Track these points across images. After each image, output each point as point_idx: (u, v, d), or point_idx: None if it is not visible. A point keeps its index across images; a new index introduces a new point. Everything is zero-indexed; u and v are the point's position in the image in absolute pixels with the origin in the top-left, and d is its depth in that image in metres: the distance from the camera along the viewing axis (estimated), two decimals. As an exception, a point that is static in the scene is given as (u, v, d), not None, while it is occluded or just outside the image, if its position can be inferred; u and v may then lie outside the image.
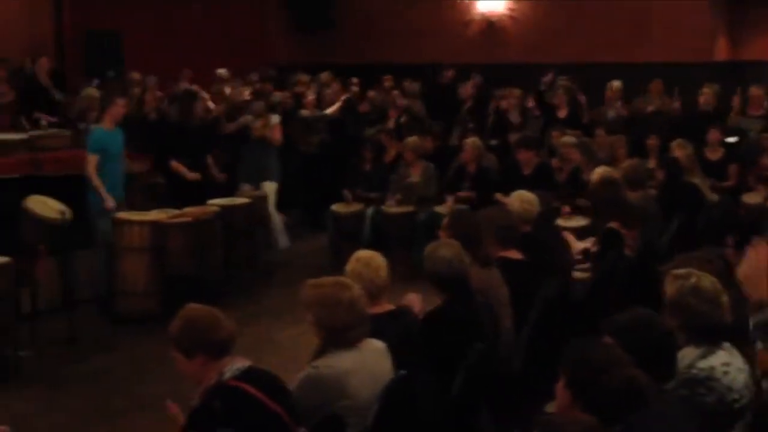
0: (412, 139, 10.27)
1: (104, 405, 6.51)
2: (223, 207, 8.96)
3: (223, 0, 14.80)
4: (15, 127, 10.06)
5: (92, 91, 10.52)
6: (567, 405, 3.20)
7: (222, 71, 12.35)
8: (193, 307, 3.87)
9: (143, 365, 7.27)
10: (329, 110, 12.22)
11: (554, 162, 9.77)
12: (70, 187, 8.45)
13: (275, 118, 10.58)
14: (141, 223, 8.29)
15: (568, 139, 9.73)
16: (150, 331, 7.93)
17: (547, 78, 12.41)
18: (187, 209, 8.69)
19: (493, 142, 11.43)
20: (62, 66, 12.26)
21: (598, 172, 7.58)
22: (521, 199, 6.43)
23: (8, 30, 11.77)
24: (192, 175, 9.51)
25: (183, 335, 3.78)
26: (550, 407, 3.59)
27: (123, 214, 8.37)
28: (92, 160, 8.31)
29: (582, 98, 11.70)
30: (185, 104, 10.05)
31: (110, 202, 8.27)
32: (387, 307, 4.60)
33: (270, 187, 10.36)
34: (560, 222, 8.42)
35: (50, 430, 5.99)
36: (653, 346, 3.47)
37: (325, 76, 13.21)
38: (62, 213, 7.41)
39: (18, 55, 10.89)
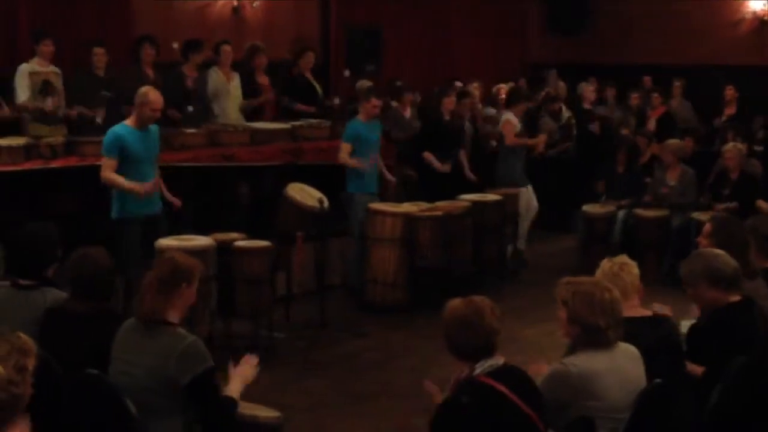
0: (673, 141, 9.92)
1: (351, 388, 6.70)
2: (474, 203, 9.00)
3: (485, -1, 14.87)
4: (277, 118, 10.50)
5: (364, 83, 10.81)
6: None
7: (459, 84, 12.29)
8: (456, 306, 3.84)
9: (390, 353, 7.43)
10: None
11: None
12: (328, 177, 8.74)
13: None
14: (393, 214, 8.46)
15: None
16: (398, 320, 8.12)
17: None
18: (439, 203, 8.80)
19: (759, 148, 10.84)
20: (326, 61, 12.69)
21: None
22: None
23: (278, 27, 12.31)
24: (442, 167, 9.59)
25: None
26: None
27: (376, 206, 8.57)
28: (345, 148, 8.57)
29: None
30: (437, 99, 10.18)
31: (368, 167, 8.54)
32: (642, 311, 4.46)
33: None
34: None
35: (297, 408, 6.18)
36: None
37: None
38: (320, 201, 7.65)
39: (285, 51, 11.35)
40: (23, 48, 9.54)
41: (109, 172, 7.01)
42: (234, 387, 4.24)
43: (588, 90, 12.45)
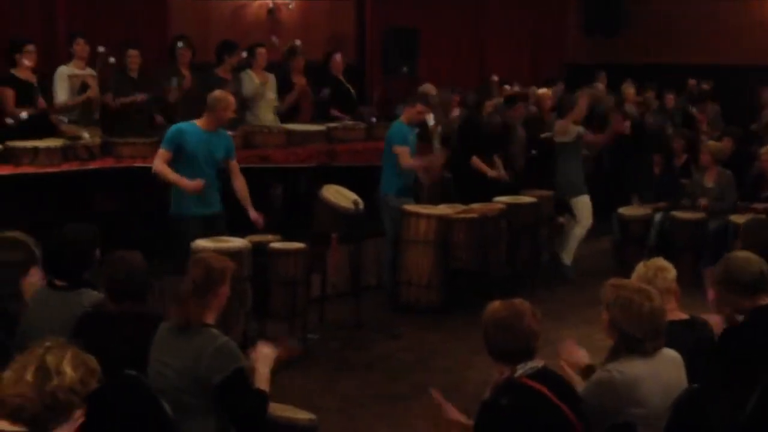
0: (712, 143, 9.83)
1: (385, 390, 6.69)
2: (509, 205, 8.97)
3: (522, 1, 14.79)
4: (313, 119, 10.53)
5: (428, 88, 10.78)
6: None
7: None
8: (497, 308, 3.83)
9: (424, 354, 7.42)
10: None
11: None
12: (363, 178, 8.74)
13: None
14: (428, 216, 8.45)
15: None
16: (432, 321, 8.12)
17: None
18: (473, 205, 8.78)
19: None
20: (362, 62, 12.71)
21: None
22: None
23: (314, 28, 12.35)
24: (493, 173, 9.54)
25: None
26: None
27: (411, 207, 8.57)
28: (402, 151, 8.48)
29: None
30: (477, 101, 10.15)
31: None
32: (679, 315, 4.43)
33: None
34: None
35: (331, 409, 6.19)
36: None
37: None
38: (355, 203, 7.67)
39: (320, 51, 11.38)
40: (61, 50, 9.64)
41: (160, 162, 7.11)
42: (260, 374, 4.25)
43: (629, 91, 12.38)
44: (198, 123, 7.23)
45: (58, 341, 3.02)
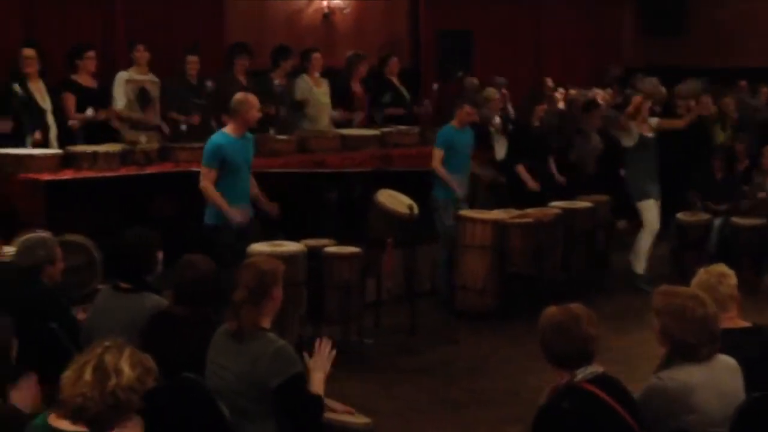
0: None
1: (442, 396, 6.65)
2: (565, 210, 8.90)
3: (576, 2, 14.68)
4: (368, 124, 10.56)
5: (491, 92, 10.76)
6: None
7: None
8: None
9: (481, 360, 7.39)
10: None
11: None
12: (418, 183, 8.73)
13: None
14: (483, 221, 8.41)
15: None
16: (488, 326, 8.09)
17: None
18: (529, 210, 8.72)
19: None
20: (417, 65, 12.70)
21: None
22: None
23: (368, 32, 12.38)
24: (533, 185, 9.47)
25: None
26: None
27: (466, 212, 8.54)
28: (437, 155, 8.56)
29: None
30: (528, 105, 10.09)
31: (459, 188, 8.52)
32: (741, 322, 4.37)
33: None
34: None
35: (387, 414, 6.16)
36: None
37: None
38: (410, 207, 7.67)
39: (374, 55, 11.40)
40: (121, 56, 9.77)
41: (209, 184, 7.02)
42: (315, 381, 4.24)
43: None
44: (227, 131, 7.17)
45: (115, 341, 3.05)
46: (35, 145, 8.27)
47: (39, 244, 5.17)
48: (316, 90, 10.00)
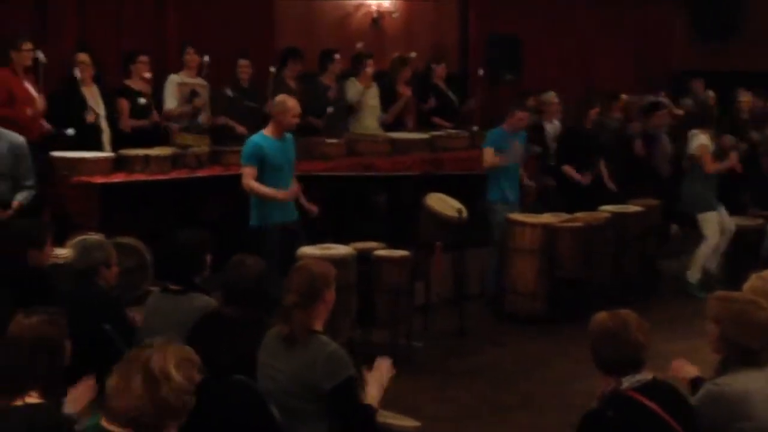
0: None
1: (492, 399, 6.64)
2: (615, 214, 8.83)
3: (627, 7, 14.55)
4: (418, 128, 10.57)
5: (550, 97, 10.72)
6: None
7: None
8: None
9: (530, 363, 7.35)
10: None
11: None
12: (467, 186, 8.72)
13: None
14: (533, 225, 8.37)
15: None
16: (537, 330, 8.05)
17: None
18: (579, 214, 8.67)
19: None
20: (465, 69, 12.68)
21: None
22: None
23: (417, 36, 12.38)
24: (583, 179, 9.43)
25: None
26: None
27: (516, 216, 8.51)
28: (488, 153, 8.53)
29: None
30: (583, 108, 10.03)
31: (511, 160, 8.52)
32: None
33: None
34: None
35: (437, 418, 6.14)
36: None
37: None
38: (459, 211, 7.67)
39: (423, 59, 11.40)
40: (172, 60, 9.87)
41: (250, 180, 7.17)
42: (372, 393, 4.22)
43: (746, 99, 12.04)
44: (266, 132, 7.31)
45: (157, 342, 3.04)
46: (89, 122, 8.39)
47: (96, 246, 5.24)
48: (366, 92, 10.04)
